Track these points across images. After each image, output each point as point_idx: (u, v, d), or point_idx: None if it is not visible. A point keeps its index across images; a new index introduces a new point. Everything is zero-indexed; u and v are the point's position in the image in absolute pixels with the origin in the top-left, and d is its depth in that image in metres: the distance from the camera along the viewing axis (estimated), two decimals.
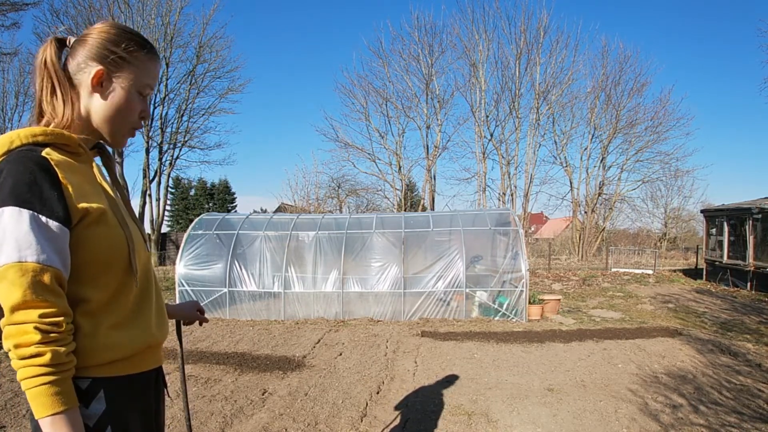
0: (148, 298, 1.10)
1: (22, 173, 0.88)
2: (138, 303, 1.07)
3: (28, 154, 0.92)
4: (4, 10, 14.11)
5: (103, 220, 0.98)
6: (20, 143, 0.94)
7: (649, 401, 3.92)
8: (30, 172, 0.89)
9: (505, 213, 9.48)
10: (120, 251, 1.01)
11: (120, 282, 1.02)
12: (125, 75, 1.05)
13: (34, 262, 0.86)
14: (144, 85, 1.08)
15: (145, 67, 1.08)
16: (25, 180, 0.88)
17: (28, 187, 0.88)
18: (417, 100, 22.46)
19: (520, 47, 21.45)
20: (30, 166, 0.90)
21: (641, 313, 8.39)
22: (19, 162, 0.90)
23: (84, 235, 0.95)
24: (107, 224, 0.99)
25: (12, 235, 0.85)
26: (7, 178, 0.88)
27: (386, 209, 22.59)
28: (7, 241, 0.85)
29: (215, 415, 3.61)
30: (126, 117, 1.07)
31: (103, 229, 0.98)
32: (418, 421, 3.53)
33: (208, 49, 22.24)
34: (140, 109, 1.09)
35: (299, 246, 8.42)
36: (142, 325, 1.07)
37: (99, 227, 0.98)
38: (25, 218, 0.86)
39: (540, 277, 13.88)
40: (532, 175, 21.91)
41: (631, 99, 22.15)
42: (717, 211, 13.34)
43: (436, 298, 7.72)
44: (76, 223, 0.94)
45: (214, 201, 34.83)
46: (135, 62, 1.06)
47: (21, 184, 0.88)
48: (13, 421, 3.42)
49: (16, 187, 0.87)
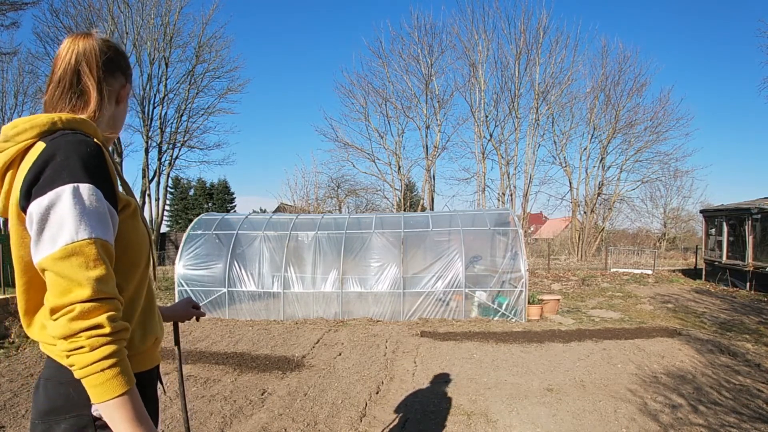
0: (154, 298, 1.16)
1: (89, 154, 0.90)
2: (150, 301, 1.11)
3: (86, 139, 0.93)
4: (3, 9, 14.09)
5: (137, 214, 1.02)
6: (63, 126, 0.93)
7: (649, 401, 3.92)
8: (95, 156, 0.91)
9: (504, 213, 9.48)
10: (145, 246, 1.05)
11: (142, 276, 1.05)
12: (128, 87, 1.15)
13: (109, 241, 0.88)
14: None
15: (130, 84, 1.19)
16: (93, 162, 0.90)
17: (96, 168, 0.89)
18: (416, 100, 22.49)
19: (520, 47, 21.48)
20: (94, 149, 0.91)
21: (640, 313, 8.39)
22: (83, 143, 0.91)
23: (124, 225, 0.97)
24: (138, 218, 1.03)
25: (93, 212, 0.85)
26: (73, 155, 0.88)
27: (385, 209, 22.59)
28: (89, 216, 0.85)
29: (214, 415, 3.61)
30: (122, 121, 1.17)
31: (136, 223, 1.02)
32: (418, 421, 3.53)
33: (208, 48, 22.28)
34: None
35: (298, 246, 8.42)
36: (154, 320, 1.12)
37: (134, 220, 1.01)
38: (101, 197, 0.88)
39: (539, 277, 13.88)
40: (532, 175, 21.94)
41: (630, 99, 22.21)
42: (716, 212, 13.35)
43: (435, 298, 7.72)
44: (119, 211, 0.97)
45: (213, 201, 34.79)
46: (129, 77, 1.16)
47: (91, 165, 0.89)
48: (12, 421, 3.42)
49: (87, 166, 0.88)
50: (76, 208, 0.83)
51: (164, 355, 5.08)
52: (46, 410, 0.96)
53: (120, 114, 1.13)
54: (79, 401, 0.94)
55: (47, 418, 0.96)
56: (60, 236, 0.82)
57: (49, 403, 0.96)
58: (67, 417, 0.94)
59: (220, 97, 23.17)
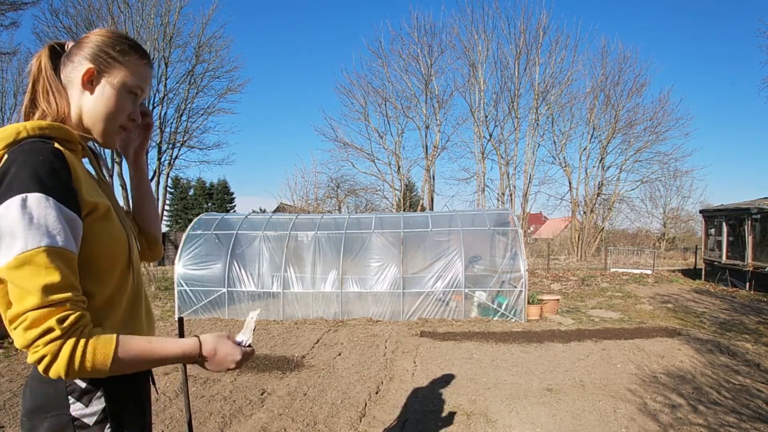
0: (140, 296, 1.12)
1: (41, 162, 0.89)
2: (132, 300, 1.08)
3: (42, 145, 0.92)
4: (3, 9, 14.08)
5: (108, 216, 1.01)
6: (27, 135, 0.94)
7: (648, 401, 3.92)
8: (49, 162, 0.90)
9: (504, 213, 9.48)
10: (122, 247, 1.03)
11: (120, 279, 1.03)
12: (116, 73, 1.06)
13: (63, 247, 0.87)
14: (135, 85, 1.09)
15: (137, 69, 1.09)
16: (46, 169, 0.89)
17: (48, 176, 0.88)
18: (416, 100, 22.50)
19: (520, 47, 21.50)
20: (48, 156, 0.90)
21: (640, 313, 8.40)
22: (36, 152, 0.90)
23: (91, 230, 0.96)
24: (111, 220, 1.02)
25: (42, 221, 0.85)
26: (25, 165, 0.88)
27: (385, 209, 22.60)
28: (37, 225, 0.85)
29: (214, 415, 3.61)
30: (115, 115, 1.07)
31: (108, 225, 1.00)
32: (417, 421, 3.53)
33: (207, 48, 22.28)
34: (130, 110, 1.10)
35: (298, 246, 8.41)
36: (137, 323, 1.09)
37: (105, 223, 0.99)
38: (52, 205, 0.87)
39: (539, 277, 13.89)
40: (531, 176, 21.96)
41: (630, 99, 22.25)
42: (716, 212, 13.35)
43: (435, 298, 7.72)
44: (85, 216, 0.95)
45: (213, 201, 34.81)
46: (127, 63, 1.07)
47: (42, 173, 0.88)
48: (12, 421, 3.42)
49: (37, 174, 0.87)
50: (25, 219, 0.84)
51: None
52: (31, 408, 0.98)
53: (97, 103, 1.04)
54: (58, 401, 0.95)
55: (32, 416, 0.97)
56: (13, 247, 0.84)
57: (33, 402, 0.98)
58: (48, 416, 0.95)
59: (220, 97, 23.22)
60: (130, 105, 1.10)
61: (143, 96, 1.14)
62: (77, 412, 0.96)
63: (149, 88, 1.16)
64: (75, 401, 0.96)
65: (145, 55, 1.12)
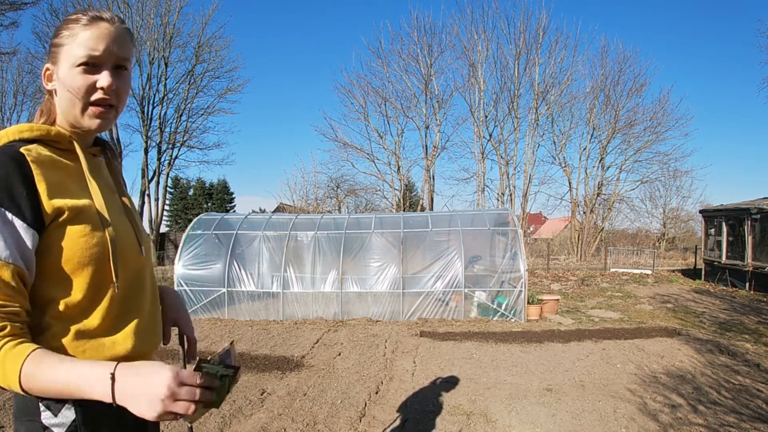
0: (135, 307, 1.05)
1: None
2: (119, 310, 1.00)
3: (7, 149, 0.91)
4: (2, 9, 14.08)
5: (79, 219, 0.94)
6: (7, 140, 0.93)
7: (648, 401, 3.92)
8: (3, 168, 0.88)
9: (503, 213, 9.49)
10: (96, 252, 0.95)
11: (94, 281, 0.96)
12: (61, 58, 0.99)
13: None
14: (79, 56, 0.97)
15: (77, 39, 0.97)
16: None
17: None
18: (416, 100, 22.48)
19: (519, 47, 21.49)
20: (4, 162, 0.88)
21: (640, 313, 8.40)
22: None
23: (57, 234, 0.92)
24: (84, 223, 0.95)
25: None
26: None
27: (385, 209, 22.59)
28: None
29: (214, 415, 3.60)
30: (72, 98, 0.99)
31: (78, 229, 0.94)
32: (417, 421, 3.53)
33: (207, 48, 22.25)
34: (87, 84, 0.98)
35: (298, 246, 8.41)
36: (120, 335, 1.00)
37: (75, 226, 0.94)
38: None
39: (539, 277, 13.90)
40: (531, 176, 21.95)
41: (630, 99, 22.24)
42: (715, 212, 13.36)
43: (434, 298, 7.72)
44: (50, 221, 0.91)
45: (212, 201, 34.80)
46: (67, 41, 0.98)
47: None
48: (12, 422, 3.41)
49: None
50: None
51: (166, 355, 5.08)
52: (16, 410, 0.98)
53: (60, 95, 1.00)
54: (32, 407, 0.93)
55: (18, 416, 0.97)
56: None
57: (16, 404, 0.97)
58: (25, 420, 0.94)
59: (220, 97, 23.19)
60: (83, 79, 0.98)
61: (106, 55, 0.99)
62: (47, 421, 0.92)
63: (117, 43, 1.00)
64: (45, 409, 0.93)
65: (93, 18, 0.99)
